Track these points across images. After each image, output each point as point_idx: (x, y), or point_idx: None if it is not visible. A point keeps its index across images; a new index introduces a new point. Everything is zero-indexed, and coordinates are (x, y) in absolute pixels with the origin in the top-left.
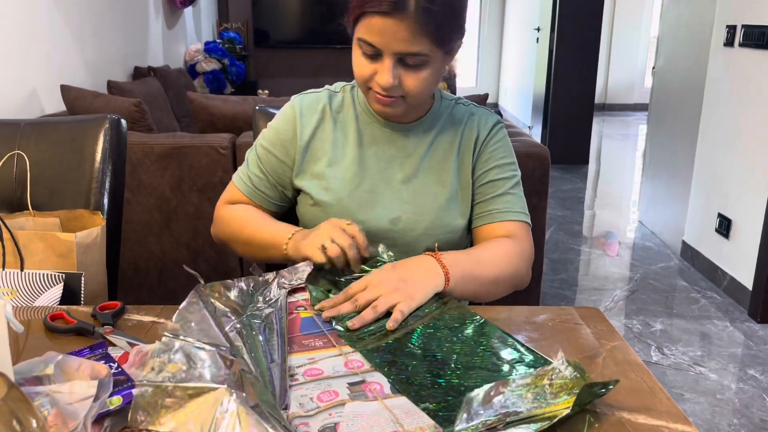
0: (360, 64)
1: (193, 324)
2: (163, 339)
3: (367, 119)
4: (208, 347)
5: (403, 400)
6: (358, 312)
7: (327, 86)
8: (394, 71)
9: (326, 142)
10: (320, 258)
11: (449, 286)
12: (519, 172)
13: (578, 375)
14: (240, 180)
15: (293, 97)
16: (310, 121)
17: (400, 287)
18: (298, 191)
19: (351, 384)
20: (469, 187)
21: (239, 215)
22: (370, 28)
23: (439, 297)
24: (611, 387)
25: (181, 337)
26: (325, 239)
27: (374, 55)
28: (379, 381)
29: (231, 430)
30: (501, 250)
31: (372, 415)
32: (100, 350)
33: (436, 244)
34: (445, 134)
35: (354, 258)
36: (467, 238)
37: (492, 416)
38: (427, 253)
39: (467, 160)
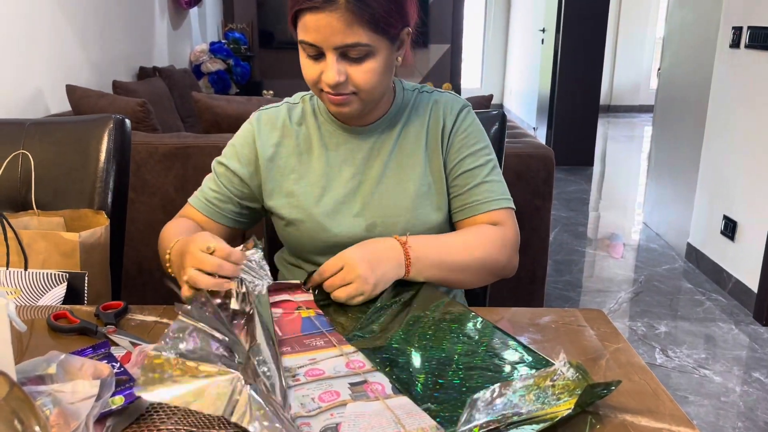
0: (306, 66)
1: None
2: (179, 318)
3: (329, 127)
4: (220, 335)
5: (404, 400)
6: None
7: (286, 99)
8: (339, 67)
9: (291, 157)
10: (191, 293)
11: (410, 274)
12: (493, 154)
13: (580, 376)
14: (194, 197)
15: (252, 113)
16: (270, 137)
17: (369, 276)
18: (267, 211)
19: (352, 384)
20: (442, 180)
21: (169, 228)
22: (306, 27)
23: (412, 284)
24: (613, 388)
25: (195, 321)
26: (188, 272)
27: (317, 55)
28: (381, 381)
29: (244, 417)
30: (475, 236)
31: (374, 415)
32: (102, 350)
33: (407, 233)
34: (410, 127)
35: (231, 270)
36: (449, 231)
37: (494, 417)
38: (396, 237)
39: (436, 151)
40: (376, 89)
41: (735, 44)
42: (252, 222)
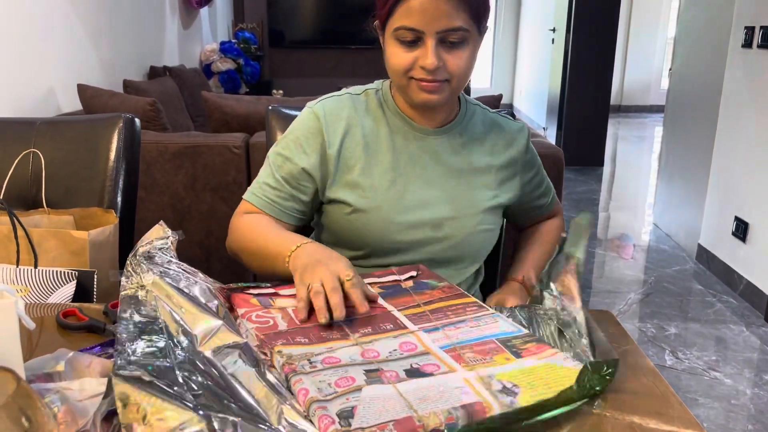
0: (398, 55)
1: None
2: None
3: (398, 123)
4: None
5: (417, 385)
6: None
7: (346, 90)
8: (437, 52)
9: (357, 149)
10: (302, 294)
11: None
12: (538, 158)
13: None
14: (251, 194)
15: (311, 104)
16: (337, 128)
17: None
18: (321, 203)
19: (367, 371)
20: (509, 201)
21: (252, 223)
22: (409, 12)
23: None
24: (611, 370)
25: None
26: (315, 281)
27: (414, 41)
28: (395, 369)
29: None
30: (550, 244)
31: (388, 399)
32: (111, 348)
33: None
34: (476, 140)
35: (336, 303)
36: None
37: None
38: (516, 278)
39: (507, 172)
40: (466, 77)
41: (747, 44)
42: (308, 221)
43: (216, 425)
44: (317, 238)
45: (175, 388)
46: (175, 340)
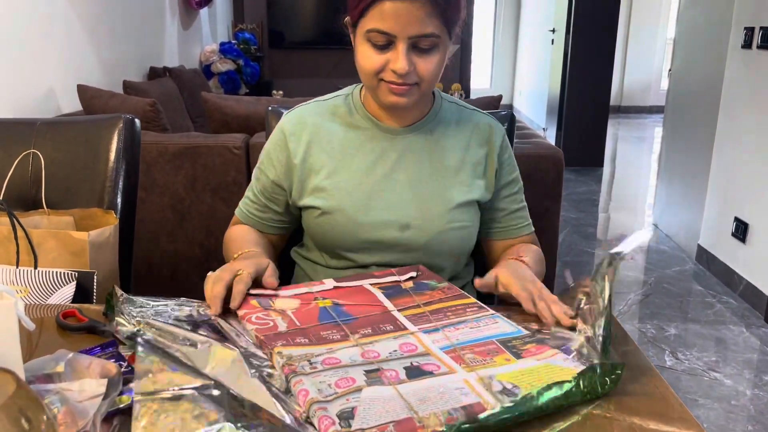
0: (369, 56)
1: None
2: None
3: (365, 125)
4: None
5: (417, 386)
6: None
7: (316, 98)
8: (408, 56)
9: (322, 155)
10: (208, 290)
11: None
12: (520, 178)
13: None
14: (238, 208)
15: (283, 115)
16: (302, 138)
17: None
18: (300, 209)
19: (367, 371)
20: (483, 189)
21: (231, 235)
22: (382, 16)
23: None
24: (619, 372)
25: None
26: (213, 274)
27: (386, 44)
28: (395, 368)
29: None
30: (536, 254)
31: (388, 400)
32: (110, 349)
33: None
34: (449, 139)
35: (210, 293)
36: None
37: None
38: (516, 258)
39: (479, 172)
40: (435, 80)
41: (747, 45)
42: (291, 229)
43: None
44: (305, 243)
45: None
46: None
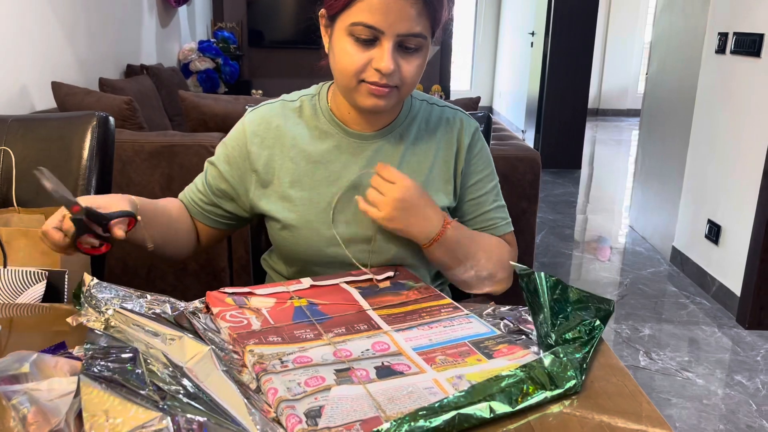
0: (351, 54)
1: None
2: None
3: (331, 130)
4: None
5: (386, 385)
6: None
7: (283, 96)
8: (394, 56)
9: (286, 160)
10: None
11: (427, 248)
12: (496, 175)
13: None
14: (183, 193)
15: (247, 111)
16: (266, 139)
17: (394, 217)
18: (261, 215)
19: (338, 371)
20: (452, 201)
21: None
22: (371, 8)
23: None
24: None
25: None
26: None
27: (370, 40)
28: (366, 368)
29: None
30: (497, 249)
31: (356, 399)
32: (62, 350)
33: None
34: (420, 141)
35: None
36: None
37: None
38: (446, 218)
39: (448, 172)
40: (414, 86)
41: (721, 50)
42: (238, 226)
43: (181, 424)
44: (274, 251)
45: (142, 392)
46: (145, 357)
